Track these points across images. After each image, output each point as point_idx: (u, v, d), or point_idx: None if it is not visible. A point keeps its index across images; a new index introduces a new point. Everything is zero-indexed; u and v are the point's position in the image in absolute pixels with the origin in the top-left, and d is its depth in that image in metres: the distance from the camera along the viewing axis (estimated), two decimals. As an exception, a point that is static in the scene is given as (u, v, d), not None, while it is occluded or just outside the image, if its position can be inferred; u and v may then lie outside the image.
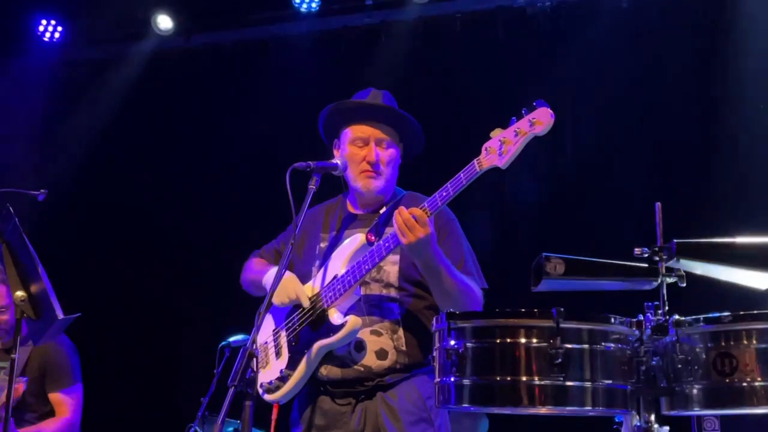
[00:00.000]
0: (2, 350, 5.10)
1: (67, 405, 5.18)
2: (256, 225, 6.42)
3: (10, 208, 3.95)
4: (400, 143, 3.85)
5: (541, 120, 3.19)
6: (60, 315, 3.87)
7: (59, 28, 7.87)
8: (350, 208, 3.91)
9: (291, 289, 3.65)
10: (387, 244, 3.47)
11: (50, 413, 5.17)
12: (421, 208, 3.37)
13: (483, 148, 3.32)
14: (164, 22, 7.63)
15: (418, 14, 7.24)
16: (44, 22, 7.83)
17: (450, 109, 7.01)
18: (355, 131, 3.79)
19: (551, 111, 3.19)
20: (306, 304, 3.64)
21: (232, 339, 5.66)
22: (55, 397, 5.17)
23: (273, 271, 3.79)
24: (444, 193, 3.36)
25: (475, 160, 3.33)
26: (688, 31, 6.58)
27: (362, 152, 3.75)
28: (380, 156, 3.74)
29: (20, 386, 4.92)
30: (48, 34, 7.86)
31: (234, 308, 4.65)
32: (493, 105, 6.63)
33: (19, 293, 3.91)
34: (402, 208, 3.37)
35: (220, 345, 5.66)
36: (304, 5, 7.37)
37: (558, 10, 6.95)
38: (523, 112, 3.24)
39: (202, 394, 5.08)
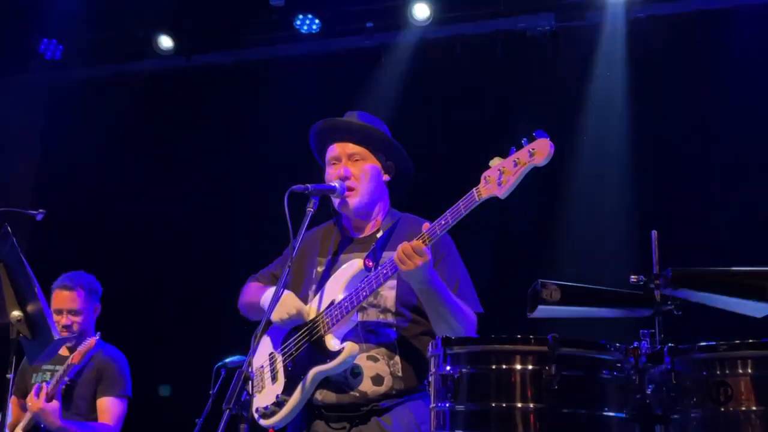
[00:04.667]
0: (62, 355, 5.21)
1: (112, 413, 5.27)
2: (254, 244, 6.45)
3: (8, 228, 3.95)
4: (387, 161, 3.85)
5: (540, 151, 3.19)
6: (56, 335, 3.86)
7: (60, 47, 7.89)
8: (345, 232, 3.91)
9: (291, 305, 3.65)
10: (385, 271, 3.47)
11: (94, 419, 5.25)
12: (420, 238, 3.37)
13: (482, 177, 3.32)
14: (165, 41, 7.66)
15: (419, 37, 7.27)
16: (45, 40, 7.85)
17: (449, 132, 7.03)
18: (329, 152, 3.86)
19: (551, 142, 3.18)
20: (306, 318, 3.64)
21: (228, 360, 5.64)
22: (103, 402, 5.26)
23: (270, 291, 3.79)
24: (443, 222, 3.37)
25: (474, 190, 3.33)
26: (686, 53, 6.61)
27: (335, 170, 3.79)
28: (352, 170, 3.77)
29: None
30: (49, 53, 7.88)
31: (230, 329, 4.65)
32: (492, 127, 6.64)
33: (16, 313, 3.90)
34: (405, 243, 3.37)
35: (216, 366, 5.64)
36: (305, 27, 7.40)
37: (558, 33, 6.98)
38: (523, 142, 3.24)
39: (197, 415, 5.06)
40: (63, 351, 5.29)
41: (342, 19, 7.46)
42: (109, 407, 5.26)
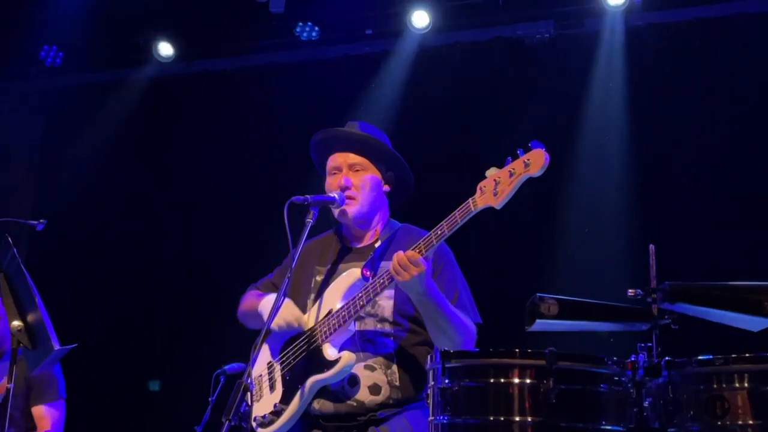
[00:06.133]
0: None
1: (49, 419, 5.19)
2: (253, 251, 6.45)
3: (9, 238, 3.96)
4: (388, 172, 3.87)
5: (536, 161, 3.20)
6: (56, 345, 3.87)
7: (60, 53, 7.90)
8: (345, 242, 3.93)
9: (289, 314, 3.66)
10: (382, 281, 3.49)
11: (32, 429, 5.18)
12: (416, 248, 3.39)
13: (478, 188, 3.33)
14: (165, 48, 7.67)
15: (418, 44, 7.28)
16: (45, 47, 7.86)
17: (448, 140, 7.04)
18: (330, 161, 3.88)
19: (546, 153, 3.20)
20: (304, 326, 3.65)
21: (227, 367, 5.65)
22: (38, 410, 5.18)
23: (269, 298, 3.81)
24: (439, 232, 3.38)
25: (470, 200, 3.34)
26: (685, 61, 6.62)
27: (335, 180, 3.81)
28: (353, 180, 3.78)
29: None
30: (49, 59, 7.89)
31: (230, 336, 4.66)
32: (491, 135, 6.64)
33: (16, 323, 3.91)
34: (400, 252, 3.39)
35: (215, 373, 5.65)
36: (305, 34, 7.41)
37: (557, 41, 6.99)
38: (518, 152, 3.25)
39: (196, 422, 5.07)
40: None
41: (341, 27, 7.47)
42: (45, 415, 5.18)
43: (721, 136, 6.29)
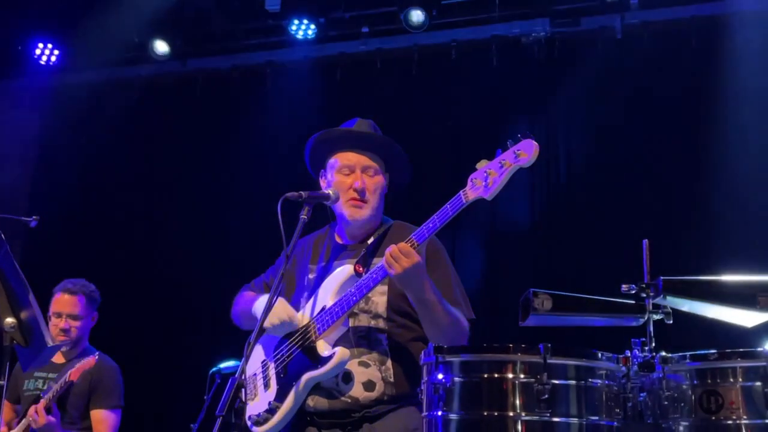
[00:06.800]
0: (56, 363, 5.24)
1: (107, 424, 5.28)
2: (247, 250, 6.44)
3: (2, 235, 3.94)
4: (387, 173, 3.86)
5: (525, 152, 3.21)
6: (49, 342, 3.86)
7: (56, 52, 7.90)
8: (338, 239, 3.91)
9: (282, 312, 3.65)
10: (375, 276, 3.48)
11: (87, 429, 5.24)
12: (407, 241, 3.38)
13: (469, 180, 3.33)
14: (161, 46, 7.66)
15: (414, 42, 7.28)
16: (41, 45, 7.85)
17: (444, 137, 7.04)
18: (341, 159, 3.79)
19: (535, 143, 3.20)
20: (298, 324, 3.64)
21: (222, 365, 5.65)
22: (97, 414, 5.27)
23: (262, 298, 3.79)
24: (431, 225, 3.38)
25: (461, 192, 3.34)
26: (680, 63, 6.62)
27: (349, 180, 3.76)
28: (367, 183, 3.75)
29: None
30: (45, 58, 7.89)
31: (225, 335, 4.65)
32: (487, 133, 6.65)
33: (9, 320, 3.90)
34: (392, 245, 3.38)
35: (210, 371, 5.65)
36: (301, 32, 7.41)
37: (552, 40, 6.99)
38: (508, 143, 3.26)
39: (192, 420, 5.07)
40: (57, 358, 5.29)
41: (337, 25, 7.48)
42: (103, 419, 5.27)
43: (715, 132, 6.29)
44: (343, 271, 3.65)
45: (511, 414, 2.66)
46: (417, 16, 7.04)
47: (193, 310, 7.26)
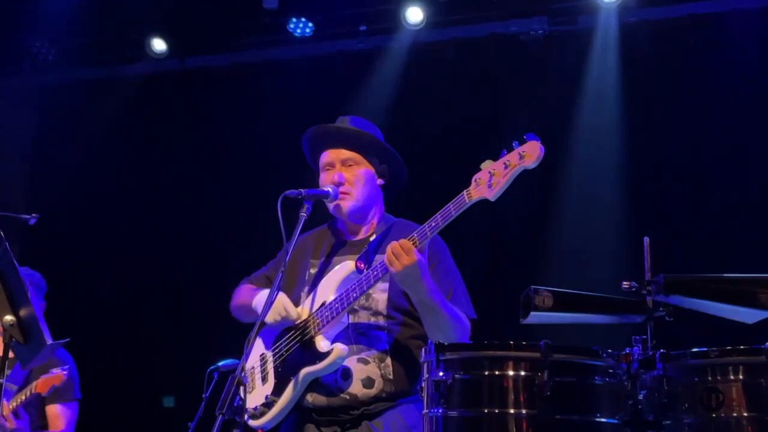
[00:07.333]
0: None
1: (63, 419, 5.21)
2: (247, 247, 6.43)
3: (1, 233, 3.94)
4: (381, 165, 3.86)
5: (530, 153, 3.20)
6: (49, 340, 3.86)
7: (53, 49, 7.87)
8: (340, 235, 3.92)
9: (282, 306, 3.65)
10: (376, 273, 3.48)
11: (44, 427, 5.18)
12: (410, 239, 3.39)
13: (473, 180, 3.33)
14: (158, 44, 7.65)
15: (412, 40, 7.27)
16: (38, 42, 7.83)
17: (442, 135, 7.04)
18: (324, 157, 3.87)
19: (541, 145, 3.19)
20: (297, 319, 3.64)
21: (221, 363, 5.64)
22: (52, 409, 5.20)
23: (263, 293, 3.80)
24: (433, 224, 3.38)
25: (464, 192, 3.34)
26: (678, 57, 6.62)
27: (329, 176, 3.81)
28: (346, 175, 3.78)
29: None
30: (42, 55, 7.86)
31: (223, 332, 4.65)
32: (486, 131, 6.65)
33: (8, 318, 3.90)
34: (393, 242, 3.38)
35: (208, 369, 5.64)
36: (299, 30, 7.40)
37: (550, 37, 6.99)
38: (513, 144, 3.25)
39: (189, 419, 5.05)
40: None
41: (335, 23, 7.46)
42: (59, 414, 5.20)
43: (715, 130, 6.31)
44: (344, 266, 3.66)
45: (512, 411, 2.66)
46: (415, 13, 7.03)
47: (191, 307, 7.26)
